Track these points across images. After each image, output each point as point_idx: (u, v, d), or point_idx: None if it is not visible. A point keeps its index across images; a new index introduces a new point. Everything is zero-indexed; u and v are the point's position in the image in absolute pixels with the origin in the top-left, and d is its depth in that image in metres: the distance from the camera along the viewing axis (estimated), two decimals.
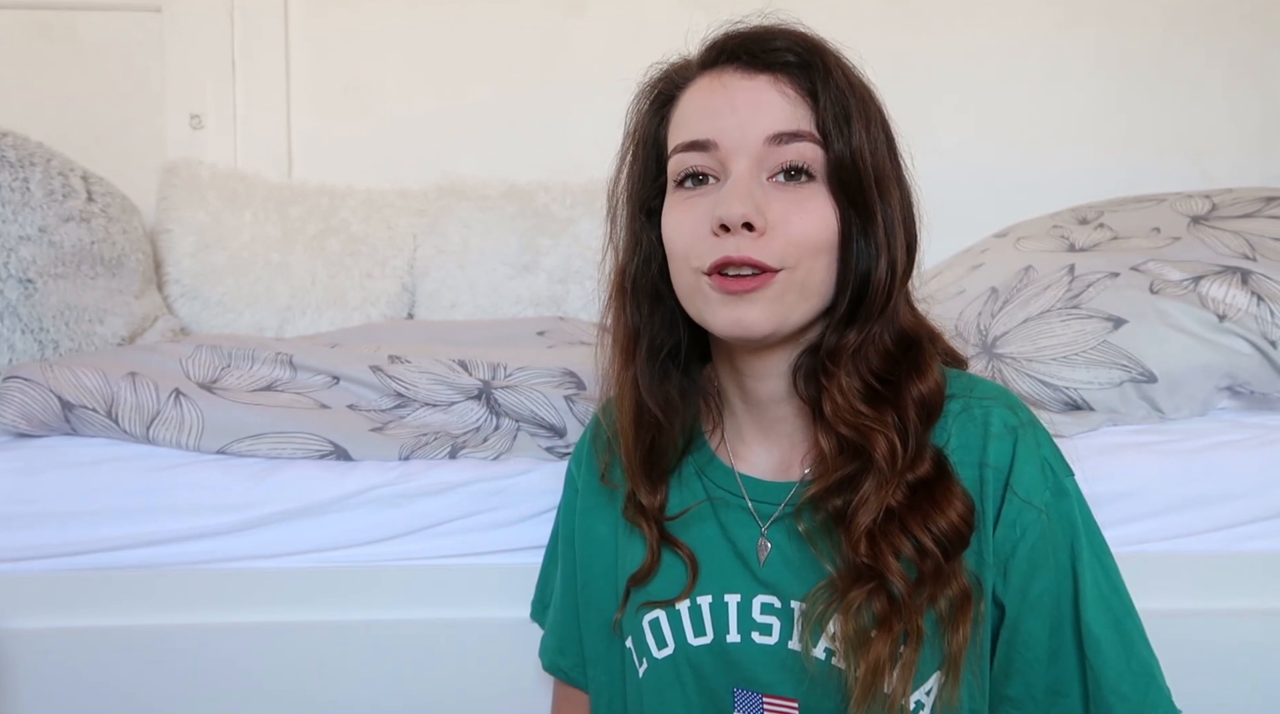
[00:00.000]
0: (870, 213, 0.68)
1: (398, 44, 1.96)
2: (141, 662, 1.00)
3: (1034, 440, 0.70)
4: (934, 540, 0.66)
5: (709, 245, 0.67)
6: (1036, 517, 0.68)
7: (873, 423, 0.68)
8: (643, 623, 0.78)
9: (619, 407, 0.78)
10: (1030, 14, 1.94)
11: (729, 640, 0.74)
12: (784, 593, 0.73)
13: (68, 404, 1.05)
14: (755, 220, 0.66)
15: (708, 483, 0.78)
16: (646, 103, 0.76)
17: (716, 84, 0.70)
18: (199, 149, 1.88)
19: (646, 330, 0.76)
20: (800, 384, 0.73)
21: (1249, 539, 1.01)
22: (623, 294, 0.76)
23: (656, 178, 0.75)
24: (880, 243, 0.68)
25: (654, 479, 0.79)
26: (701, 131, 0.69)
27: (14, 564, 1.00)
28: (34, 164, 1.35)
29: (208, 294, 1.64)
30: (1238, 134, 1.93)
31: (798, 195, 0.68)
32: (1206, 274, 1.11)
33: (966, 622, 0.66)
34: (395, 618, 1.01)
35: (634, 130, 0.76)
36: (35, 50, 1.89)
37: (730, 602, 0.75)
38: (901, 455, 0.67)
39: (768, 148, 0.67)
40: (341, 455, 1.05)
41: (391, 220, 1.76)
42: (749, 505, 0.76)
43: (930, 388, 0.70)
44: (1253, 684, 0.99)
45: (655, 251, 0.75)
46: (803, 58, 0.68)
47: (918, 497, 0.67)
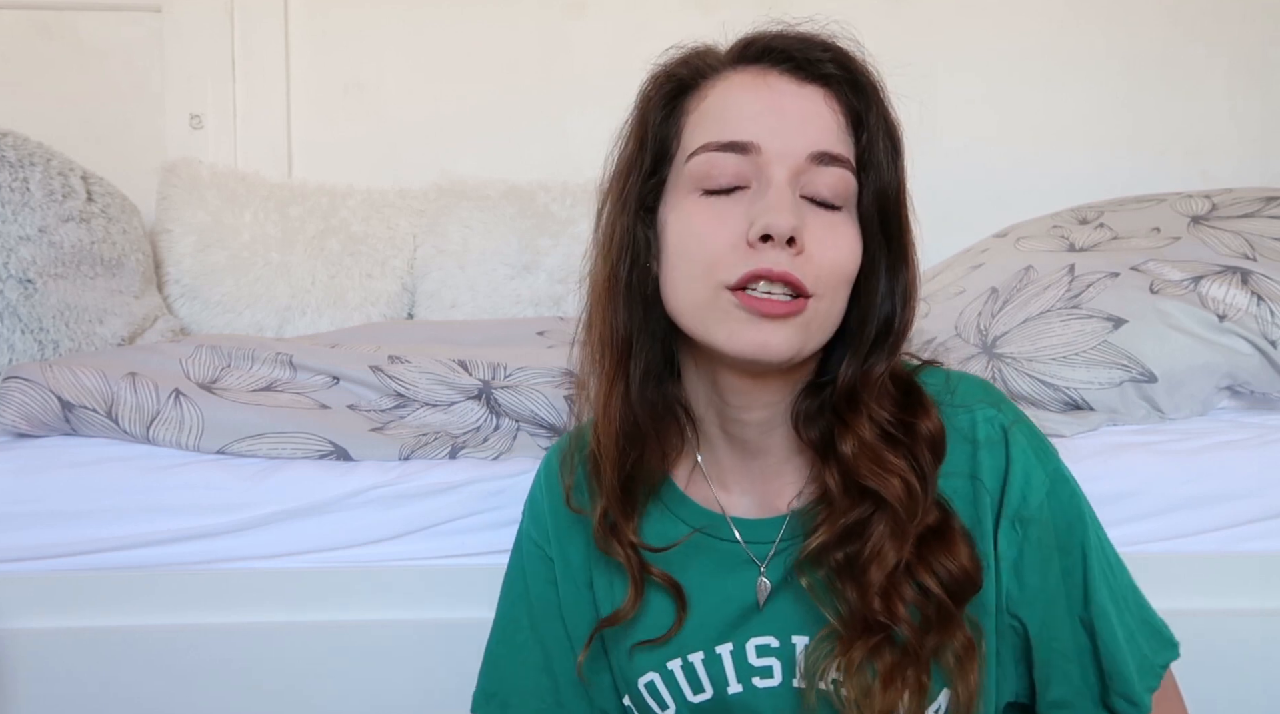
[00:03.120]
0: (903, 250, 0.66)
1: (398, 44, 1.96)
2: (141, 662, 1.00)
3: (1023, 438, 0.68)
4: (941, 585, 0.64)
5: (739, 256, 0.62)
6: (1039, 514, 0.67)
7: (893, 465, 0.64)
8: (639, 686, 0.75)
9: (603, 420, 0.71)
10: (1031, 14, 1.94)
11: (731, 693, 0.72)
12: (781, 631, 0.70)
13: (68, 404, 1.05)
14: (800, 236, 0.61)
15: (678, 522, 0.73)
16: (658, 89, 0.69)
17: (761, 84, 0.65)
18: (199, 149, 1.87)
19: (641, 337, 0.69)
20: (802, 426, 0.69)
21: (1249, 539, 1.01)
22: (614, 299, 0.69)
23: (654, 173, 0.68)
24: (909, 282, 0.67)
25: (628, 506, 0.72)
26: (743, 132, 0.63)
27: (14, 564, 1.00)
28: (34, 164, 1.35)
29: (208, 294, 1.64)
30: (1238, 134, 1.93)
31: (829, 221, 0.64)
32: (1206, 274, 1.11)
33: (974, 669, 0.64)
34: (395, 618, 1.01)
35: (640, 117, 0.70)
36: (35, 50, 1.89)
37: (723, 653, 0.71)
38: (921, 497, 0.64)
39: (808, 164, 0.63)
40: (341, 455, 1.05)
41: (391, 220, 1.76)
42: (742, 546, 0.71)
43: (935, 424, 0.67)
44: (1253, 684, 0.99)
45: (648, 253, 0.68)
46: (853, 78, 0.65)
47: (925, 541, 0.65)
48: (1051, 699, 0.70)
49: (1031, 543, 0.67)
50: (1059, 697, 0.70)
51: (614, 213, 0.70)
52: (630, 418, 0.70)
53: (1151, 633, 0.71)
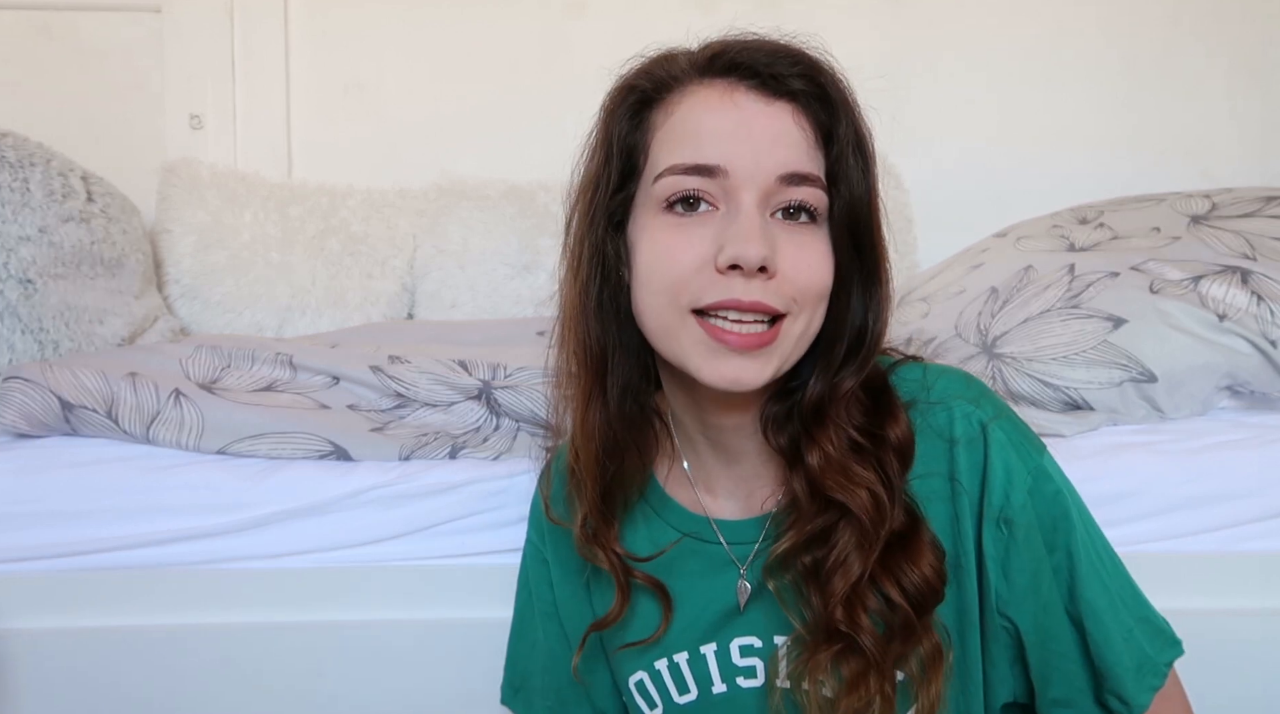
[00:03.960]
0: (876, 261, 0.66)
1: (398, 44, 1.96)
2: (141, 662, 1.00)
3: (1003, 433, 0.67)
4: (904, 596, 0.64)
5: (706, 281, 0.62)
6: (1022, 513, 0.66)
7: (859, 477, 0.64)
8: (630, 685, 0.75)
9: (581, 435, 0.71)
10: (1032, 14, 1.94)
11: (715, 693, 0.72)
12: (764, 631, 0.70)
13: (68, 404, 1.05)
14: (771, 263, 0.61)
15: (666, 527, 0.73)
16: (621, 102, 0.68)
17: (728, 102, 0.64)
18: (199, 149, 1.87)
19: (616, 353, 0.68)
20: (770, 432, 0.68)
21: (1249, 539, 1.01)
22: (586, 316, 0.68)
23: (622, 188, 0.67)
24: (881, 295, 0.66)
25: (609, 514, 0.72)
26: (711, 155, 0.62)
27: (14, 564, 1.00)
28: (34, 164, 1.35)
29: (208, 294, 1.64)
30: (1238, 134, 1.93)
31: (801, 238, 0.63)
32: (1206, 274, 1.11)
33: (938, 678, 0.64)
34: (395, 618, 1.01)
35: (605, 130, 0.69)
36: (35, 50, 1.89)
37: (707, 653, 0.72)
38: (888, 507, 0.64)
39: (778, 185, 0.62)
40: (341, 455, 1.05)
41: (391, 220, 1.76)
42: (725, 548, 0.71)
43: (904, 431, 0.66)
44: (1253, 684, 0.99)
45: (619, 270, 0.67)
46: (821, 90, 0.64)
47: (890, 550, 0.64)
48: (1052, 697, 0.69)
49: (1018, 542, 0.66)
50: (1060, 695, 0.69)
51: (581, 228, 0.69)
52: (609, 433, 0.69)
53: (1153, 631, 0.70)
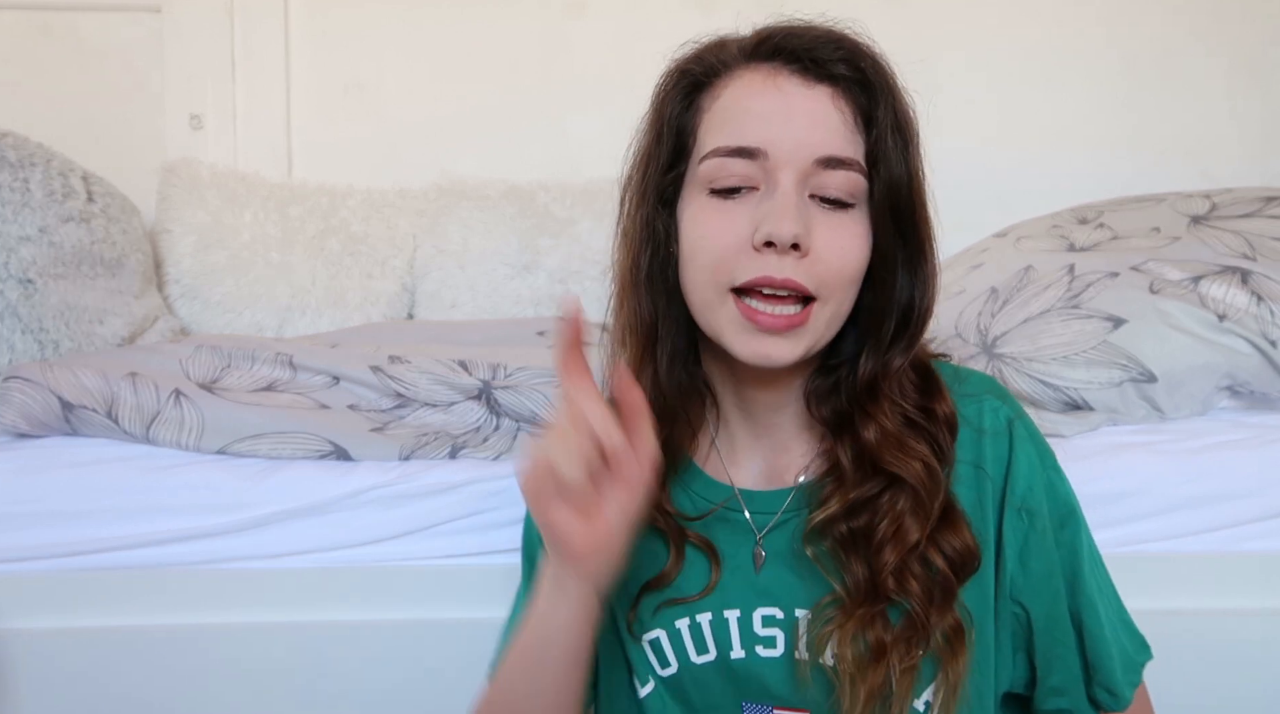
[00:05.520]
0: (920, 242, 0.68)
1: (398, 44, 1.96)
2: (141, 662, 1.00)
3: (1025, 430, 0.71)
4: (946, 562, 0.66)
5: (744, 260, 0.64)
6: (1040, 505, 0.70)
7: (914, 450, 0.67)
8: (644, 643, 0.76)
9: None
10: (1032, 14, 1.94)
11: (733, 657, 0.73)
12: (786, 603, 0.72)
13: (68, 404, 1.05)
14: (804, 241, 0.63)
15: (695, 496, 0.75)
16: (674, 85, 0.70)
17: (770, 85, 0.66)
18: (199, 149, 1.87)
19: (665, 323, 0.72)
20: (813, 405, 0.71)
21: (1249, 539, 1.01)
22: (636, 288, 0.72)
23: (673, 167, 0.70)
24: (928, 272, 0.69)
25: (661, 477, 0.74)
26: (752, 138, 0.65)
27: (14, 564, 1.00)
28: (34, 164, 1.35)
29: (208, 294, 1.64)
30: (1238, 134, 1.93)
31: (838, 221, 0.65)
32: (1206, 274, 1.11)
33: (963, 651, 0.66)
34: (395, 618, 1.01)
35: (657, 111, 0.71)
36: (35, 50, 1.89)
37: (730, 618, 0.73)
38: (942, 479, 0.67)
39: (815, 168, 0.64)
40: (341, 455, 1.05)
41: (391, 220, 1.76)
42: (746, 517, 0.74)
43: (951, 408, 0.70)
44: (1253, 684, 0.99)
45: (668, 245, 0.70)
46: (864, 75, 0.65)
47: (935, 520, 0.67)
48: (1052, 685, 0.72)
49: (1036, 532, 0.70)
50: (1059, 683, 0.72)
51: (634, 204, 0.72)
52: (660, 398, 0.72)
53: (1131, 633, 0.74)
